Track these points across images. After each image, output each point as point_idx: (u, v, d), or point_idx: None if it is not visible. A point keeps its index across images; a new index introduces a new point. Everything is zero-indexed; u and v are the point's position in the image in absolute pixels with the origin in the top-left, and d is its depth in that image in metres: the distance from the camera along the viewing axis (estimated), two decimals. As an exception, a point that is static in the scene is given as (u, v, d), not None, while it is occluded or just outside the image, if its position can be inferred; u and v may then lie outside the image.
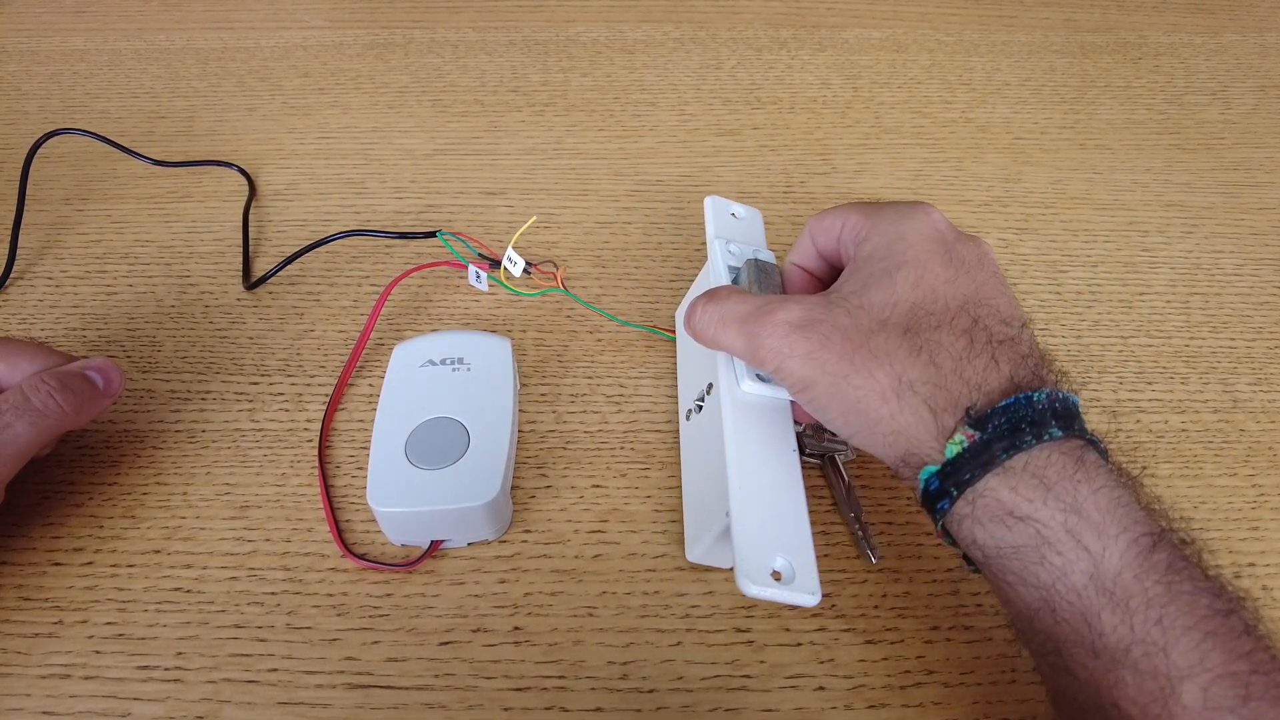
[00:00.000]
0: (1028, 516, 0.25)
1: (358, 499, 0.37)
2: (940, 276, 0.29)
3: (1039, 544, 0.25)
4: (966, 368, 0.27)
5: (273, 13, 0.65)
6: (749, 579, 0.28)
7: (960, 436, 0.26)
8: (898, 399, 0.27)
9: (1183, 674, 0.22)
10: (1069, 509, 0.25)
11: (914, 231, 0.31)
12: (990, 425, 0.26)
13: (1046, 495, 0.25)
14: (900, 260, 0.30)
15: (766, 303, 0.31)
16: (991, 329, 0.28)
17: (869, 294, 0.30)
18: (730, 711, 0.31)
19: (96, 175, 0.52)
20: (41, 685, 0.31)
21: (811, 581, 0.29)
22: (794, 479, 0.32)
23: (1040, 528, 0.25)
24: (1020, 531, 0.25)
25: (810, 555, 0.30)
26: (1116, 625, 0.23)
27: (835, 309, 0.30)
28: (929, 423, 0.27)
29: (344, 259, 0.47)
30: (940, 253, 0.30)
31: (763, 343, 0.30)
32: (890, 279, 0.30)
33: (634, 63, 0.61)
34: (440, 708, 0.31)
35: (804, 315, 0.30)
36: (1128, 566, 0.24)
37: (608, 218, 0.49)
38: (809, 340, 0.29)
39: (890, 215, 0.32)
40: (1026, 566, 0.25)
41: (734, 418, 0.33)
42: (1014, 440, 0.25)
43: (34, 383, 0.33)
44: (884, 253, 0.31)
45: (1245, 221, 0.50)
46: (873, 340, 0.28)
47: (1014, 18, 0.66)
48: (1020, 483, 0.25)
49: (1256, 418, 0.40)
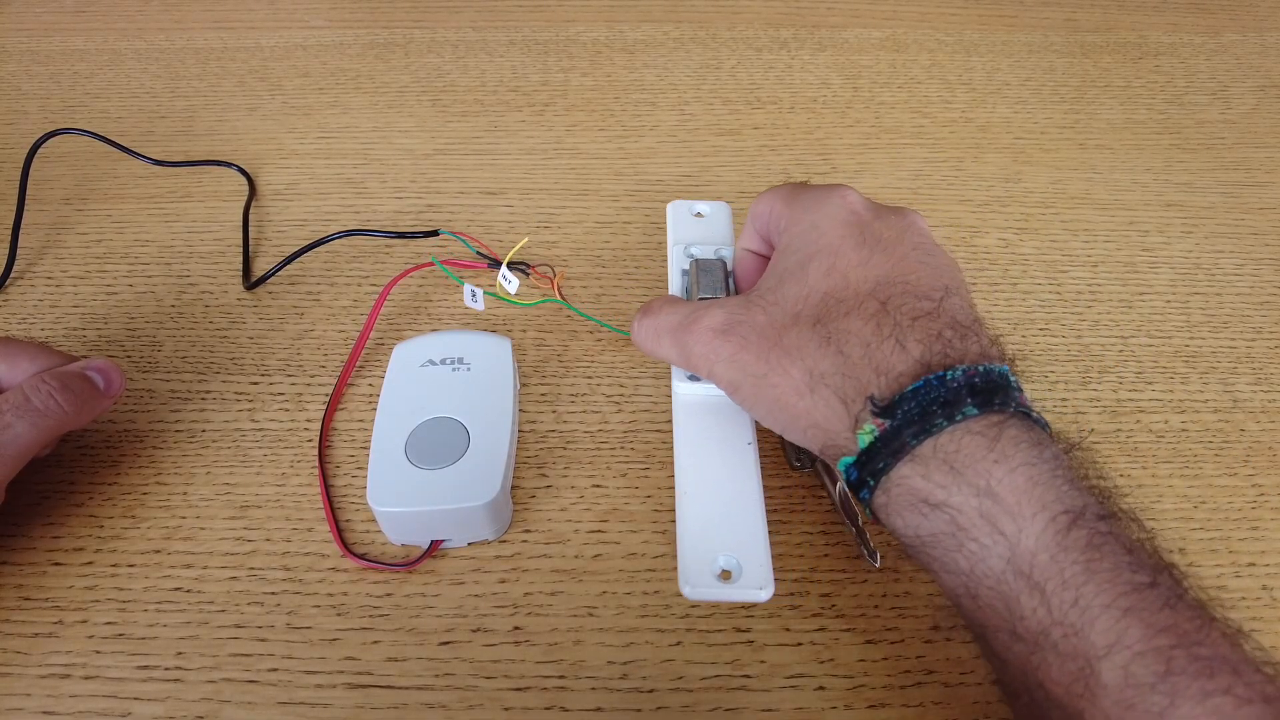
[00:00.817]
0: (942, 503, 0.24)
1: (358, 499, 0.37)
2: (851, 260, 0.29)
3: (954, 531, 0.24)
4: (875, 353, 0.26)
5: (273, 13, 0.65)
6: (687, 582, 0.28)
7: (870, 425, 0.26)
8: (811, 393, 0.27)
9: (1101, 653, 0.22)
10: (982, 493, 0.24)
11: (827, 218, 0.30)
12: (899, 411, 0.25)
13: (958, 480, 0.24)
14: (813, 250, 0.30)
15: (693, 310, 0.32)
16: (903, 308, 0.27)
17: (784, 289, 0.30)
18: (730, 711, 0.31)
19: (96, 175, 0.52)
20: (41, 685, 0.31)
21: (760, 577, 0.29)
22: (748, 473, 0.32)
23: (955, 514, 0.24)
24: (936, 519, 0.25)
25: (763, 550, 0.30)
26: (1035, 608, 0.23)
27: (753, 308, 0.30)
28: (841, 414, 0.26)
29: (344, 259, 0.47)
30: (854, 235, 0.29)
31: (692, 350, 0.31)
32: (803, 271, 0.29)
33: (634, 63, 0.61)
34: (440, 707, 0.31)
35: (725, 319, 0.30)
36: (1044, 548, 0.23)
37: (608, 217, 0.49)
38: (730, 343, 0.29)
39: (805, 202, 0.32)
40: (946, 554, 0.25)
41: (683, 417, 0.33)
42: (925, 425, 0.25)
43: (34, 383, 0.33)
44: (798, 244, 0.31)
45: (1245, 221, 0.50)
46: (786, 336, 0.28)
47: (1014, 18, 0.66)
48: (931, 469, 0.24)
49: (1256, 417, 0.40)
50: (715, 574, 0.29)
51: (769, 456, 0.38)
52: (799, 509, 0.37)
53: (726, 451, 0.32)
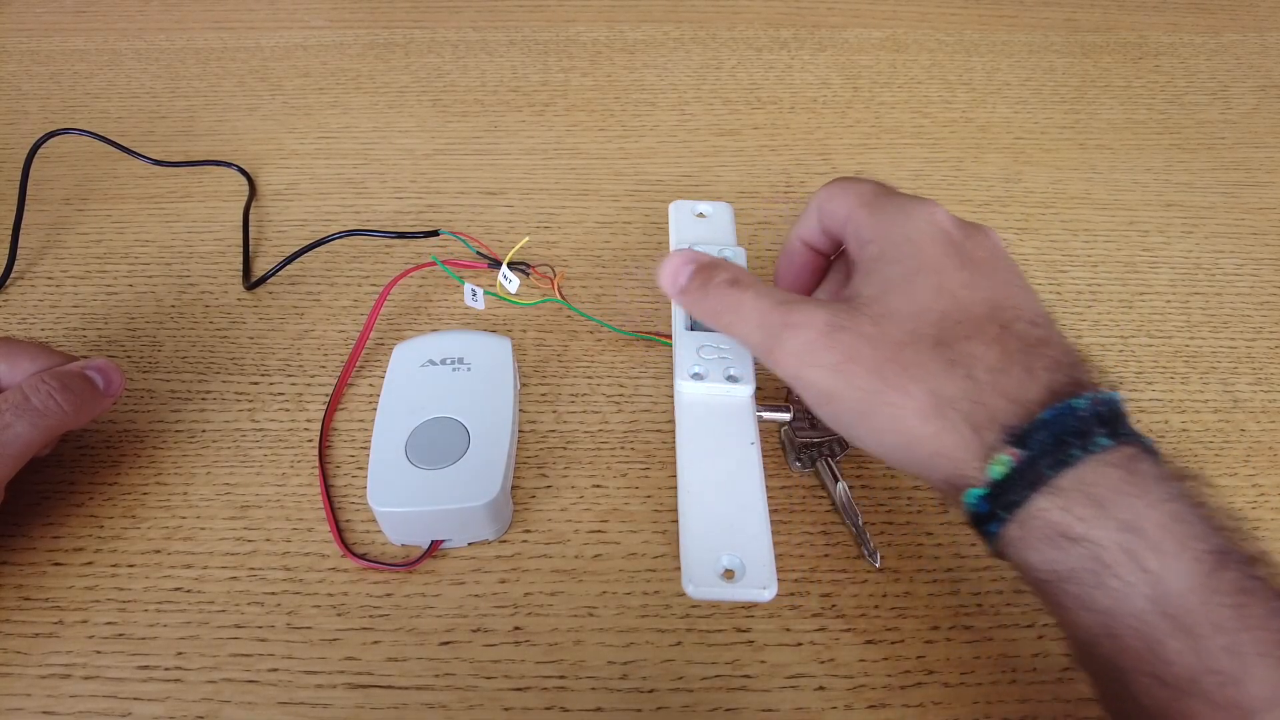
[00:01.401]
0: (1082, 537, 0.23)
1: (358, 499, 0.37)
2: (957, 281, 0.28)
3: (1096, 567, 0.23)
4: (1003, 380, 0.26)
5: (273, 13, 0.65)
6: (690, 581, 0.28)
7: (1004, 456, 0.25)
8: (938, 418, 0.26)
9: (1260, 706, 0.21)
10: (1125, 527, 0.23)
11: (920, 232, 0.29)
12: (1034, 441, 0.24)
13: (1100, 513, 0.23)
14: (915, 265, 0.28)
15: (787, 300, 0.29)
16: (1021, 334, 0.27)
17: (890, 301, 0.28)
18: (730, 711, 0.31)
19: (97, 175, 0.52)
20: (42, 685, 0.31)
21: (763, 576, 0.29)
22: (751, 473, 0.32)
23: (1096, 549, 0.23)
24: (1075, 553, 0.23)
25: (766, 550, 0.29)
26: (1183, 652, 0.22)
27: (859, 317, 0.28)
28: (971, 442, 0.25)
29: (344, 259, 0.47)
30: (953, 254, 0.29)
31: (782, 345, 0.28)
32: (910, 285, 0.28)
33: (634, 63, 0.61)
34: (440, 708, 0.31)
35: (828, 321, 0.28)
36: (1192, 589, 0.22)
37: (608, 217, 0.49)
38: (834, 350, 0.27)
39: (893, 213, 0.31)
40: (1084, 590, 0.23)
41: (685, 417, 0.33)
42: (1060, 456, 0.24)
43: (34, 383, 0.33)
44: (894, 255, 0.29)
45: (1245, 221, 0.50)
46: (903, 353, 0.27)
47: (1014, 18, 0.66)
48: (1071, 501, 0.24)
49: (1257, 417, 0.40)
50: (718, 573, 0.29)
51: (769, 456, 0.38)
52: (799, 509, 0.37)
53: (729, 451, 0.32)
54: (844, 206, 0.32)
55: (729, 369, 0.34)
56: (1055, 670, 0.32)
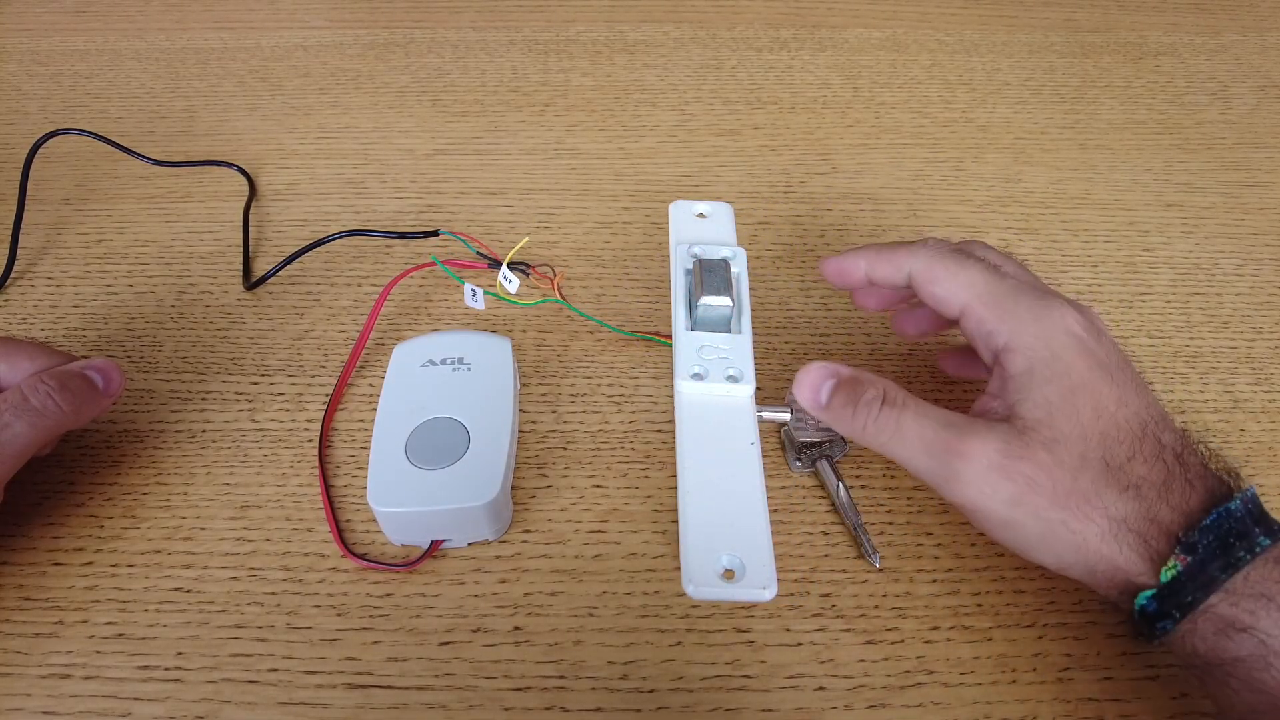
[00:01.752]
0: (1250, 628, 0.26)
1: (358, 499, 0.37)
2: (1111, 398, 0.29)
3: (1264, 653, 0.25)
4: (1169, 494, 0.28)
5: (273, 13, 0.65)
6: (691, 581, 0.28)
7: (1174, 561, 0.27)
8: (1116, 540, 0.28)
9: None
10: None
11: (1063, 346, 0.30)
12: (1200, 546, 0.27)
13: (1267, 605, 0.26)
14: (1068, 384, 0.29)
15: (949, 422, 0.30)
16: (1170, 446, 0.29)
17: (1057, 425, 0.29)
18: (730, 711, 0.31)
19: (97, 175, 0.52)
20: (42, 685, 0.31)
21: (763, 576, 0.29)
22: (751, 473, 0.32)
23: (1264, 637, 0.26)
24: (1243, 642, 0.26)
25: (766, 550, 0.29)
26: None
27: (1033, 445, 0.28)
28: (1145, 554, 0.28)
29: (344, 259, 0.47)
30: (1097, 368, 0.30)
31: (957, 476, 0.29)
32: (1070, 407, 0.29)
33: (634, 63, 0.61)
34: (440, 708, 0.31)
35: (1002, 450, 0.28)
36: None
37: (608, 218, 0.49)
38: (1014, 483, 0.28)
39: (1024, 316, 0.31)
40: (1250, 674, 0.26)
41: (686, 417, 0.33)
42: (1228, 559, 0.26)
43: (33, 383, 0.33)
44: (1044, 372, 0.30)
45: (1245, 221, 0.50)
46: (1080, 480, 0.28)
47: (1014, 18, 0.66)
48: (1240, 598, 0.26)
49: (1257, 418, 0.40)
50: (718, 573, 0.29)
51: (769, 457, 0.38)
52: (799, 509, 0.37)
53: (729, 451, 0.32)
54: (958, 297, 0.32)
55: (729, 369, 0.34)
56: (1055, 670, 0.32)
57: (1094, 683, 0.32)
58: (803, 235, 0.49)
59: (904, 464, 0.31)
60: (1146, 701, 0.32)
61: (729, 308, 0.36)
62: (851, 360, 0.42)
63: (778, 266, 0.47)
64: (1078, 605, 0.34)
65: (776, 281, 0.46)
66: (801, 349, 0.43)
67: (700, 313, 0.36)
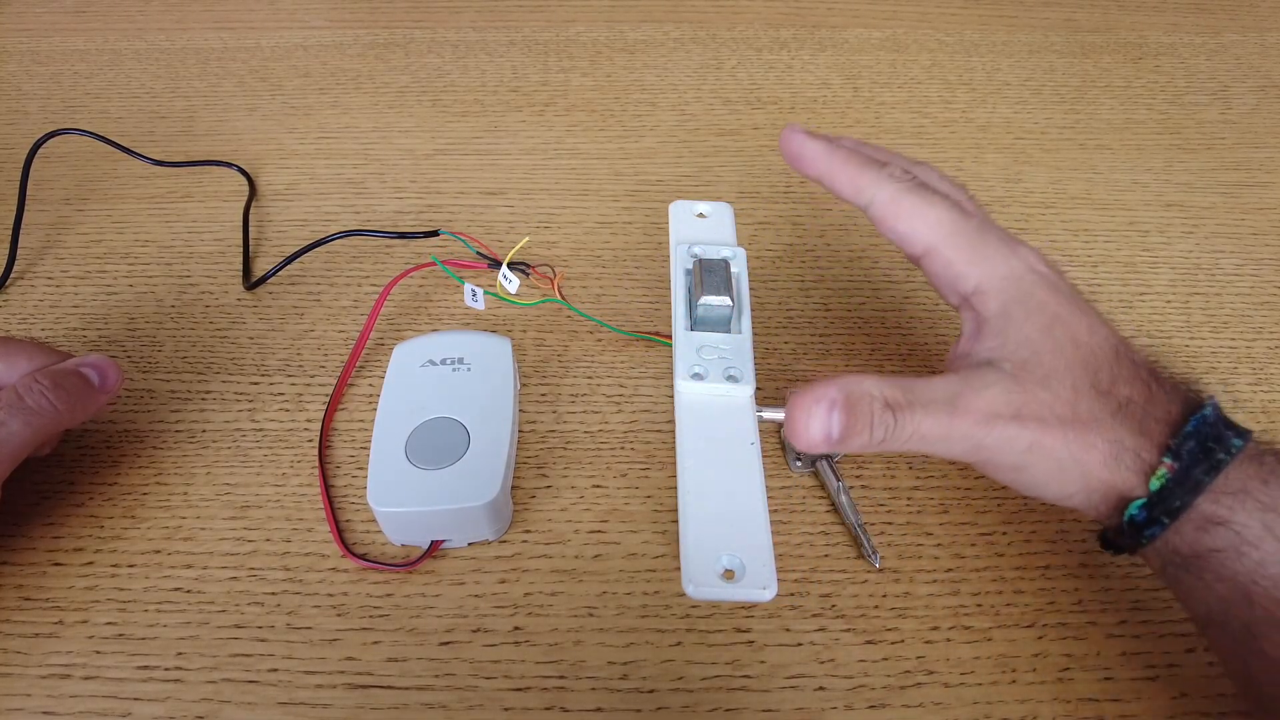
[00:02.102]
0: (1227, 521, 0.27)
1: (358, 499, 0.37)
2: (1082, 326, 0.30)
3: (1238, 543, 0.27)
4: (1153, 409, 0.29)
5: (273, 13, 0.65)
6: (691, 581, 0.28)
7: (1163, 470, 0.28)
8: (1117, 461, 0.28)
9: None
10: (1265, 509, 0.27)
11: (1034, 284, 0.31)
12: (1184, 452, 0.28)
13: (1244, 499, 0.27)
14: (1045, 320, 0.30)
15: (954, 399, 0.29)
16: (1142, 363, 0.30)
17: (1045, 361, 0.29)
18: (730, 711, 0.31)
19: (97, 175, 0.52)
20: (42, 685, 0.31)
21: (763, 577, 0.29)
22: (751, 473, 0.32)
23: (1239, 529, 0.27)
24: (1219, 535, 0.27)
25: (766, 550, 0.29)
26: None
27: (1029, 385, 0.29)
28: (1137, 468, 0.28)
29: (344, 259, 0.47)
30: (1066, 301, 0.31)
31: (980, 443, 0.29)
32: (1052, 342, 0.30)
33: (634, 63, 0.61)
34: (440, 708, 0.31)
35: (1010, 403, 0.29)
36: None
37: (608, 218, 0.49)
38: (1028, 431, 0.28)
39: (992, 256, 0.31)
40: (1224, 564, 0.27)
41: (686, 417, 0.33)
42: (1210, 462, 0.27)
43: (27, 381, 0.33)
44: (1019, 310, 0.30)
45: (1245, 222, 0.50)
46: (1079, 410, 0.29)
47: (1014, 18, 0.66)
48: (1220, 495, 0.27)
49: (1257, 418, 0.40)
50: (718, 573, 0.29)
51: (769, 456, 0.38)
52: (799, 509, 0.37)
53: (729, 451, 0.32)
54: (924, 238, 0.32)
55: (729, 369, 0.34)
56: (1055, 670, 0.32)
57: (1094, 683, 0.32)
58: (803, 235, 0.49)
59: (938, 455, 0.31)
60: (1146, 701, 0.32)
61: (729, 308, 0.36)
62: (851, 361, 0.42)
63: (778, 266, 0.47)
64: (1078, 605, 0.34)
65: (776, 281, 0.46)
66: (801, 349, 0.43)
67: (700, 313, 0.36)
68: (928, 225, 0.31)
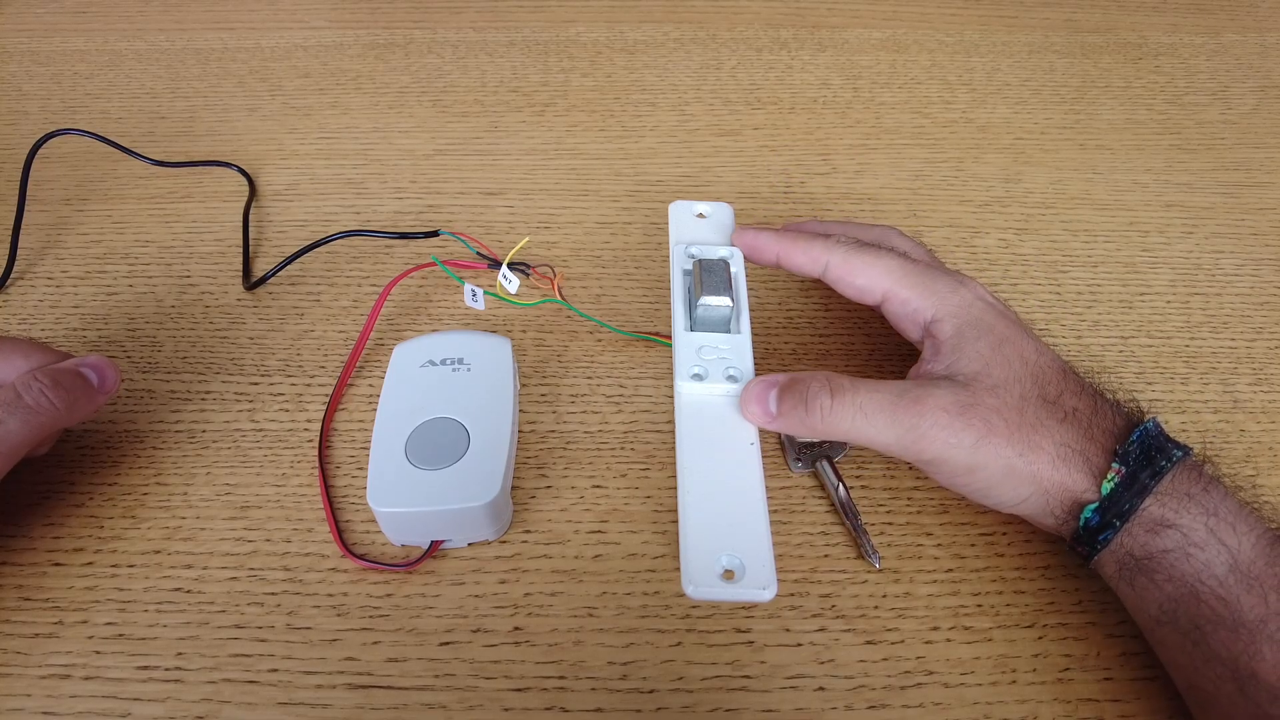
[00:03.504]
0: (1174, 524, 0.29)
1: (358, 499, 0.37)
2: (1030, 348, 0.33)
3: (1185, 545, 0.29)
4: (1099, 419, 0.31)
5: (273, 13, 0.65)
6: (690, 582, 0.28)
7: (1112, 474, 0.30)
8: (1065, 463, 0.31)
9: None
10: (1208, 513, 0.29)
11: (980, 310, 0.34)
12: (1131, 458, 0.30)
13: (1189, 504, 0.29)
14: (994, 339, 0.33)
15: (902, 390, 0.32)
16: (1087, 383, 0.33)
17: (993, 373, 0.32)
18: (730, 712, 0.31)
19: (97, 175, 0.52)
20: (42, 685, 0.31)
21: (763, 577, 0.29)
22: (751, 473, 0.32)
23: (1186, 531, 0.29)
24: (1168, 537, 0.29)
25: (766, 550, 0.29)
26: (1254, 605, 0.28)
27: (978, 391, 0.32)
28: (1087, 471, 0.31)
29: (344, 259, 0.47)
30: (1010, 325, 0.34)
31: (924, 435, 0.31)
32: (1001, 357, 0.33)
33: (634, 63, 0.61)
34: (440, 708, 0.31)
35: (958, 401, 0.31)
36: (1260, 557, 0.28)
37: (608, 218, 0.49)
38: (974, 427, 0.31)
39: (941, 290, 0.35)
40: (1173, 565, 0.29)
41: (686, 417, 0.33)
42: (1154, 468, 0.30)
43: (26, 380, 0.33)
44: (972, 332, 0.33)
45: (1246, 222, 0.50)
46: (1025, 415, 0.31)
47: (1014, 18, 0.66)
48: (1166, 498, 0.30)
49: (1257, 418, 0.40)
50: (718, 574, 0.29)
51: (769, 456, 0.38)
52: (799, 509, 0.37)
53: (729, 451, 0.32)
54: (879, 285, 0.36)
55: (729, 369, 0.34)
56: (1055, 670, 0.32)
57: (1094, 683, 0.32)
58: (803, 235, 0.49)
59: (870, 442, 0.32)
60: (1146, 701, 0.32)
61: (729, 308, 0.36)
62: (851, 361, 0.42)
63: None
64: (1077, 605, 0.34)
65: (776, 281, 0.46)
66: (801, 349, 0.43)
67: (700, 313, 0.36)
68: (880, 274, 0.36)
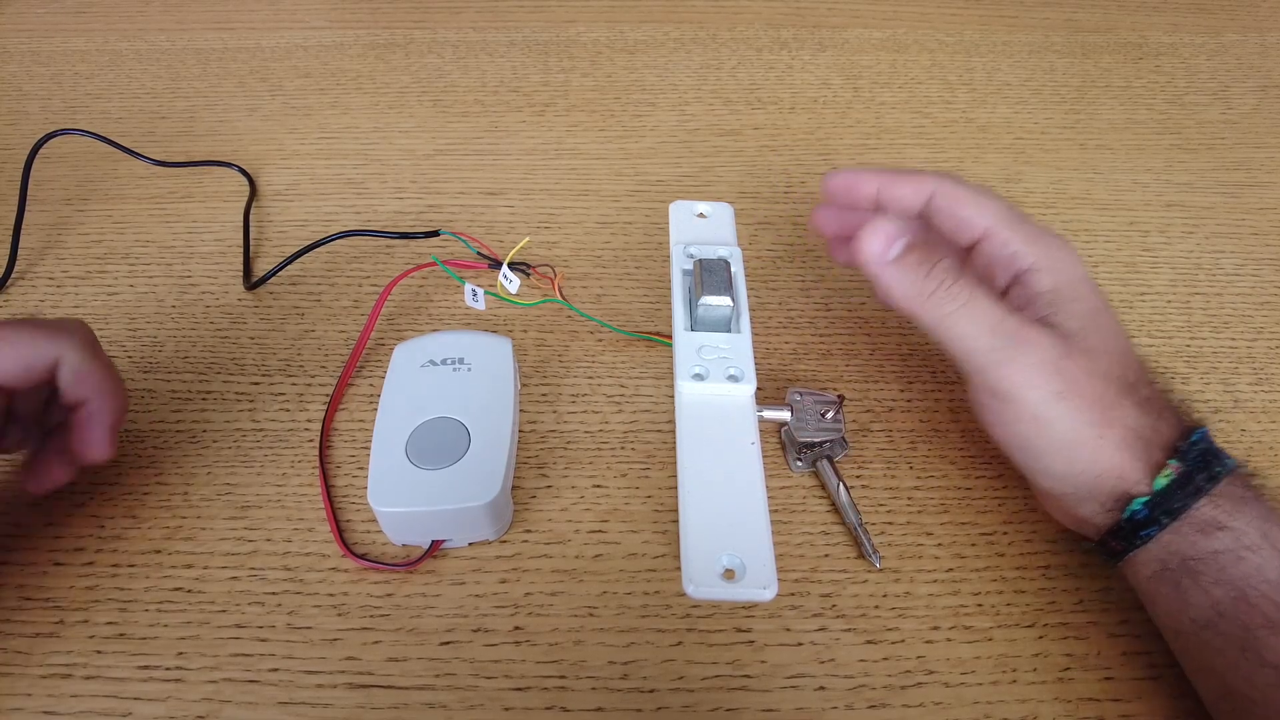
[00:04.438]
0: (1227, 525, 0.29)
1: (358, 499, 0.37)
2: (1118, 327, 0.32)
3: (1237, 547, 0.28)
4: (1165, 414, 0.31)
5: (273, 13, 0.65)
6: (691, 581, 0.28)
7: (1169, 470, 0.29)
8: (1130, 448, 0.30)
9: None
10: (1261, 518, 0.29)
11: (1082, 277, 0.32)
12: (1190, 457, 0.30)
13: (1242, 508, 0.29)
14: (1093, 305, 0.32)
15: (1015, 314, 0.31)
16: (1157, 380, 0.32)
17: (1090, 338, 0.31)
18: (731, 711, 0.31)
19: (97, 175, 0.52)
20: (43, 685, 0.31)
21: (764, 576, 0.29)
22: (751, 473, 0.32)
23: (1239, 533, 0.29)
24: (1220, 538, 0.29)
25: (766, 550, 0.30)
26: None
27: (1075, 352, 0.30)
28: (1146, 462, 0.30)
29: (344, 259, 0.47)
30: (1103, 299, 0.32)
31: (1015, 359, 0.30)
32: (1099, 325, 0.31)
33: (634, 63, 0.61)
34: (441, 708, 0.31)
35: (1058, 347, 0.30)
36: None
37: (608, 218, 0.49)
38: (1061, 378, 0.30)
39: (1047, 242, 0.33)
40: (1223, 567, 0.28)
41: (686, 417, 0.33)
42: (1210, 472, 0.29)
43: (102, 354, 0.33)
44: (1070, 292, 0.32)
45: (1246, 222, 0.50)
46: (1108, 390, 0.30)
47: (1015, 18, 0.66)
48: (1222, 500, 0.29)
49: (1257, 418, 0.40)
50: (719, 573, 0.29)
51: (769, 457, 0.38)
52: (799, 509, 0.37)
53: (730, 451, 0.32)
54: (984, 219, 0.33)
55: (729, 369, 0.34)
56: (1055, 670, 0.32)
57: (1094, 683, 0.32)
58: (803, 235, 0.49)
59: (963, 338, 0.31)
60: (1146, 701, 0.32)
61: (729, 308, 0.36)
62: (851, 362, 0.42)
63: (778, 266, 0.47)
64: (1078, 605, 0.34)
65: (776, 281, 0.46)
66: (802, 349, 0.43)
67: (700, 313, 0.36)
68: (985, 209, 0.33)
